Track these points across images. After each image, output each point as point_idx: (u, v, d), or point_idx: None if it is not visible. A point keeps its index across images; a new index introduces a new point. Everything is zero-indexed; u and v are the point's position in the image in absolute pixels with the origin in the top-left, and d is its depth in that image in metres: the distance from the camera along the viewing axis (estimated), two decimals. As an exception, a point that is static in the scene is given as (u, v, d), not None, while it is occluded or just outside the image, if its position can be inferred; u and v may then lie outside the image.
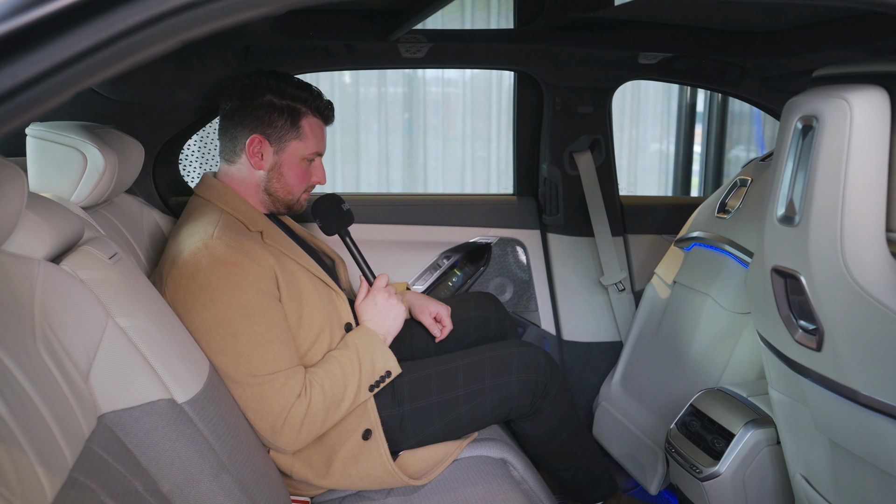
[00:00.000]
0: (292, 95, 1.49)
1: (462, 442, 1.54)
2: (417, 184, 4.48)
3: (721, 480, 1.40)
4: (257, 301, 1.33)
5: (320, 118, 1.54)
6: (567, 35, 1.92)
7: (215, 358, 1.30)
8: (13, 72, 0.54)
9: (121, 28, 0.56)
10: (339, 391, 1.38)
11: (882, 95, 0.88)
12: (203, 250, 1.33)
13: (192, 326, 1.31)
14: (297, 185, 1.54)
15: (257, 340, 1.31)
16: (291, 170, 1.52)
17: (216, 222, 1.41)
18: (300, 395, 1.32)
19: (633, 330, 2.08)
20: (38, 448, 0.81)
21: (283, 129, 1.49)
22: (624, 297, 2.22)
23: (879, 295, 0.89)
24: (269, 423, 1.32)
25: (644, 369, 1.98)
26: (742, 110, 4.54)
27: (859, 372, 0.95)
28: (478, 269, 2.23)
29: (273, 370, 1.31)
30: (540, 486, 1.54)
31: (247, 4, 0.58)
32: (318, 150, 1.54)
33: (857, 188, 0.89)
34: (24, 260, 0.96)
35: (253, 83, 1.49)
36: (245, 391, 1.31)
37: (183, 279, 1.32)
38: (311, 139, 1.52)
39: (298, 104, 1.50)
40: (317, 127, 1.53)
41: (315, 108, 1.52)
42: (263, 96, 1.48)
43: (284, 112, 1.48)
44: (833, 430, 1.08)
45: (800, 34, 1.65)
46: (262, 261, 1.36)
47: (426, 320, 1.73)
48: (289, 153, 1.51)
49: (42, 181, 1.36)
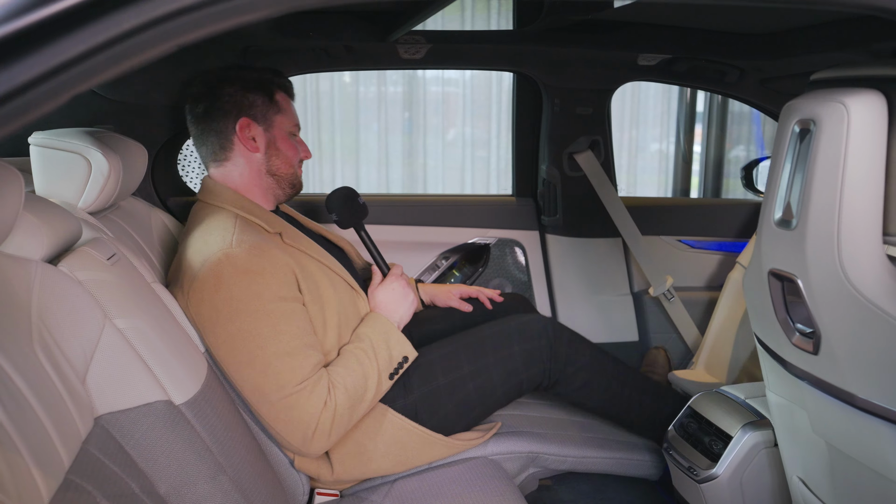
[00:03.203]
0: (257, 76, 1.53)
1: (483, 435, 1.56)
2: (417, 183, 4.48)
3: (718, 482, 1.40)
4: (281, 309, 1.32)
5: (286, 93, 1.57)
6: (566, 36, 1.92)
7: (244, 371, 1.30)
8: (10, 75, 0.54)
9: (117, 32, 0.56)
10: (360, 386, 1.38)
11: (879, 100, 0.88)
12: (224, 261, 1.31)
13: (217, 341, 1.31)
14: (294, 157, 1.56)
15: (284, 350, 1.30)
16: (284, 142, 1.54)
17: (232, 228, 1.39)
18: (326, 402, 1.33)
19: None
20: (35, 450, 0.81)
21: (264, 105, 1.51)
22: (623, 300, 2.22)
23: (876, 299, 0.89)
24: (301, 434, 1.32)
25: None
26: (742, 111, 4.54)
27: (856, 375, 0.96)
28: (476, 269, 2.23)
29: (301, 379, 1.31)
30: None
31: (243, 8, 0.58)
32: (296, 120, 1.58)
33: (853, 192, 0.89)
34: (22, 261, 0.96)
35: (219, 77, 1.52)
36: (274, 405, 1.31)
37: (206, 292, 1.31)
38: (289, 111, 1.56)
39: (265, 82, 1.53)
40: (287, 101, 1.57)
41: (279, 85, 1.55)
42: (233, 84, 1.50)
43: (259, 90, 1.51)
44: (830, 434, 1.08)
45: (799, 36, 1.65)
46: (283, 265, 1.36)
47: (454, 302, 1.81)
48: (277, 127, 1.53)
49: (48, 189, 1.36)
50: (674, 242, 2.32)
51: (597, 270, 2.27)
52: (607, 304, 2.24)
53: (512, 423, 1.68)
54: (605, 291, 2.26)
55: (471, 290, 1.84)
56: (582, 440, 1.69)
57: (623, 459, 1.70)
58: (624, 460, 1.70)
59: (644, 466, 1.72)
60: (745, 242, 2.29)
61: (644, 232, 2.24)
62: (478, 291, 1.84)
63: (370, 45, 1.94)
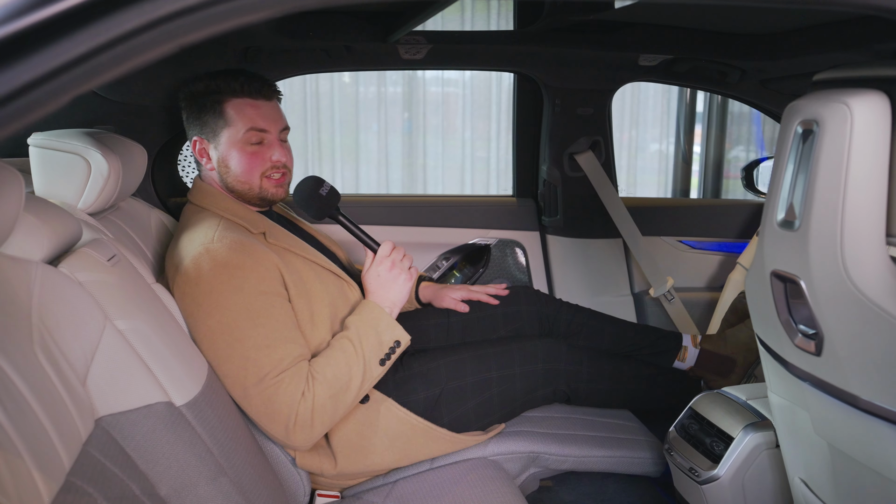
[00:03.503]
0: (207, 88, 1.48)
1: (487, 434, 1.59)
2: (417, 183, 4.48)
3: (720, 484, 1.40)
4: (261, 303, 1.33)
5: (246, 96, 1.48)
6: (567, 37, 1.92)
7: (224, 365, 1.30)
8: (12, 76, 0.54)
9: (119, 32, 0.55)
10: (343, 375, 1.37)
11: (883, 100, 0.88)
12: (205, 255, 1.33)
13: (199, 334, 1.31)
14: (249, 171, 1.48)
15: (263, 343, 1.31)
16: (234, 158, 1.48)
17: (216, 226, 1.41)
18: (304, 393, 1.32)
19: None
20: (35, 452, 0.80)
21: (212, 122, 1.48)
22: (624, 300, 2.22)
23: (879, 300, 0.88)
24: (282, 426, 1.32)
25: None
26: (742, 111, 4.54)
27: (859, 377, 0.95)
28: (477, 270, 2.23)
29: (280, 371, 1.31)
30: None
31: (244, 9, 0.58)
32: (252, 125, 1.47)
33: (857, 193, 0.89)
34: (22, 262, 0.96)
35: (188, 93, 1.51)
36: (254, 398, 1.31)
37: (187, 286, 1.32)
38: (239, 120, 1.47)
39: (215, 94, 1.48)
40: (246, 106, 1.48)
41: (232, 91, 1.47)
42: (193, 100, 1.49)
43: (207, 106, 1.48)
44: (832, 435, 1.08)
45: (800, 36, 1.64)
46: (266, 260, 1.36)
47: (448, 303, 1.81)
48: (225, 143, 1.48)
49: (48, 190, 1.36)
50: (674, 243, 2.32)
51: (597, 271, 2.26)
52: (608, 304, 2.24)
53: (512, 424, 1.69)
54: (605, 292, 2.26)
55: (472, 294, 1.83)
56: (582, 439, 1.69)
57: (624, 458, 1.70)
58: (625, 459, 1.70)
59: (645, 464, 1.72)
60: (746, 243, 2.29)
61: (644, 232, 2.24)
62: (480, 292, 1.84)
63: (371, 45, 1.94)
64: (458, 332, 1.84)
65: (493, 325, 1.86)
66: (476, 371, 1.59)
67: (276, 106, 1.54)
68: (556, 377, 1.68)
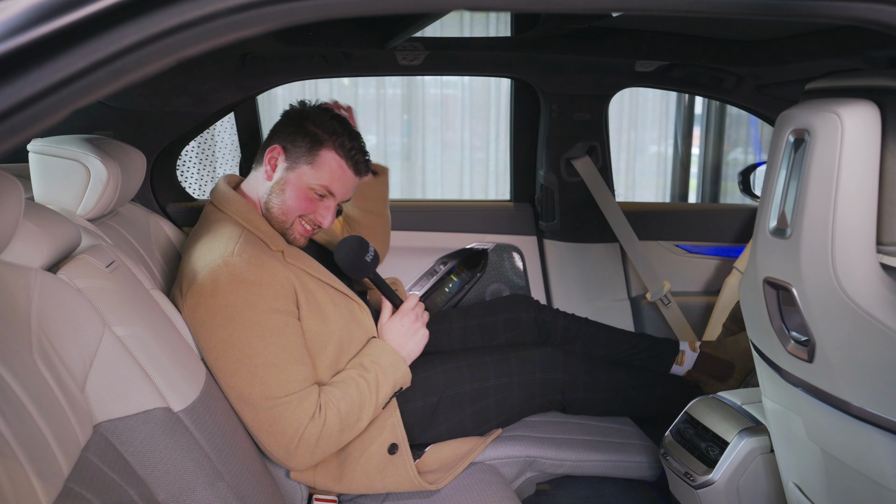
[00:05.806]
0: (324, 126, 1.48)
1: (486, 439, 1.61)
2: (416, 185, 4.49)
3: (715, 488, 1.40)
4: (274, 321, 1.33)
5: (345, 160, 1.49)
6: (564, 43, 1.93)
7: (231, 379, 1.31)
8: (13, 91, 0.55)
9: (118, 48, 0.56)
10: (354, 413, 1.39)
11: (873, 110, 0.89)
12: (223, 268, 1.33)
13: (208, 346, 1.32)
14: (294, 208, 1.48)
15: (272, 361, 1.31)
16: (294, 191, 1.48)
17: (237, 238, 1.40)
18: (314, 416, 1.33)
19: None
20: (34, 458, 0.81)
21: (301, 150, 1.47)
22: (621, 305, 2.22)
23: (869, 308, 0.89)
24: (284, 446, 1.32)
25: None
26: (740, 113, 4.55)
27: (850, 383, 0.96)
28: (474, 275, 2.24)
29: (287, 392, 1.31)
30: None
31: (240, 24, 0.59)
32: (328, 184, 1.48)
33: (847, 202, 0.90)
34: (21, 269, 0.96)
35: (305, 111, 1.52)
36: (258, 414, 1.31)
37: (202, 296, 1.32)
38: (324, 171, 1.48)
39: (325, 134, 1.48)
40: (337, 166, 1.48)
41: (340, 145, 1.48)
42: (303, 118, 1.49)
43: (308, 136, 1.48)
44: (825, 440, 1.09)
45: (795, 43, 1.65)
46: (282, 278, 1.37)
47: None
48: (297, 174, 1.48)
49: (47, 195, 1.37)
50: (671, 247, 2.33)
51: (594, 275, 2.27)
52: (605, 309, 2.25)
53: (509, 428, 1.69)
54: (602, 296, 2.27)
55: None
56: (579, 443, 1.70)
57: (620, 462, 1.71)
58: (621, 463, 1.71)
59: (641, 468, 1.73)
60: (743, 247, 2.29)
61: (641, 237, 2.24)
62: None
63: (368, 51, 1.95)
64: (458, 339, 1.86)
65: (493, 332, 1.88)
66: (474, 379, 1.61)
67: (356, 183, 1.55)
68: (554, 386, 1.70)
